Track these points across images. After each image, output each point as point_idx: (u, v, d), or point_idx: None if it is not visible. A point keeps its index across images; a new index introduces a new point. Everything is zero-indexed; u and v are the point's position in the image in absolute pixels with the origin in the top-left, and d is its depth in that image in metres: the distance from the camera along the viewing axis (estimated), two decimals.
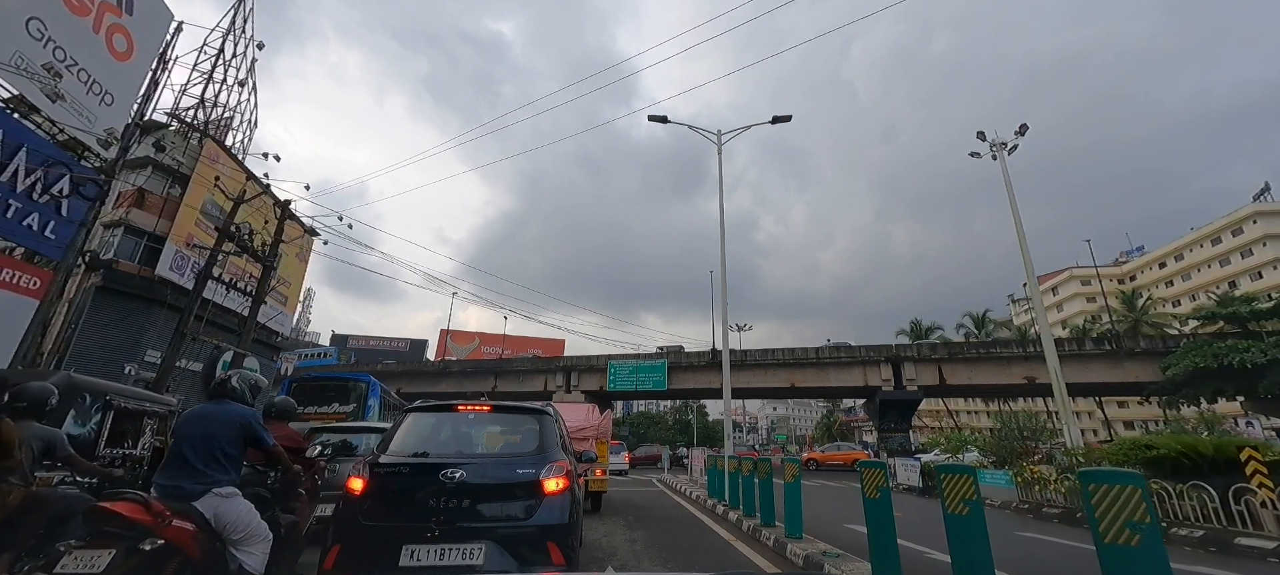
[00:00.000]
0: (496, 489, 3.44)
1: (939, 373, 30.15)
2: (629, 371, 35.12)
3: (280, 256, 25.69)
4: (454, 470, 3.35)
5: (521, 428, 4.08)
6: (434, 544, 3.14)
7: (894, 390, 30.39)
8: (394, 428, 4.01)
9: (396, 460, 3.57)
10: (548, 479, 3.48)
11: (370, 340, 74.88)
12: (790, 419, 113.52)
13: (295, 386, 11.95)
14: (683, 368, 34.72)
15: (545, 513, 3.38)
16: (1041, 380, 28.92)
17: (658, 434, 64.22)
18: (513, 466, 3.58)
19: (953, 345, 32.73)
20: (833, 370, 31.95)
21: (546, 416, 4.10)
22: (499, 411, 4.32)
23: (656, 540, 6.85)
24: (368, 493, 3.36)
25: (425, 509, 3.27)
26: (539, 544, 3.27)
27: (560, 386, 36.87)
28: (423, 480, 3.38)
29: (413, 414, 4.14)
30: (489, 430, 4.35)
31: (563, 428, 4.77)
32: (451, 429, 4.10)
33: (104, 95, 13.52)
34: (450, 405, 4.23)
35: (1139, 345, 27.65)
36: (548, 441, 3.86)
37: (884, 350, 31.46)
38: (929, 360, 30.46)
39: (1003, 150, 17.51)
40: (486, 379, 39.49)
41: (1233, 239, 57.36)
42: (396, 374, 42.72)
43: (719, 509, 8.97)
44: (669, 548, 6.40)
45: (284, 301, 25.19)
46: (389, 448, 3.74)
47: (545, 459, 3.65)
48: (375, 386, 12.23)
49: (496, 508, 3.38)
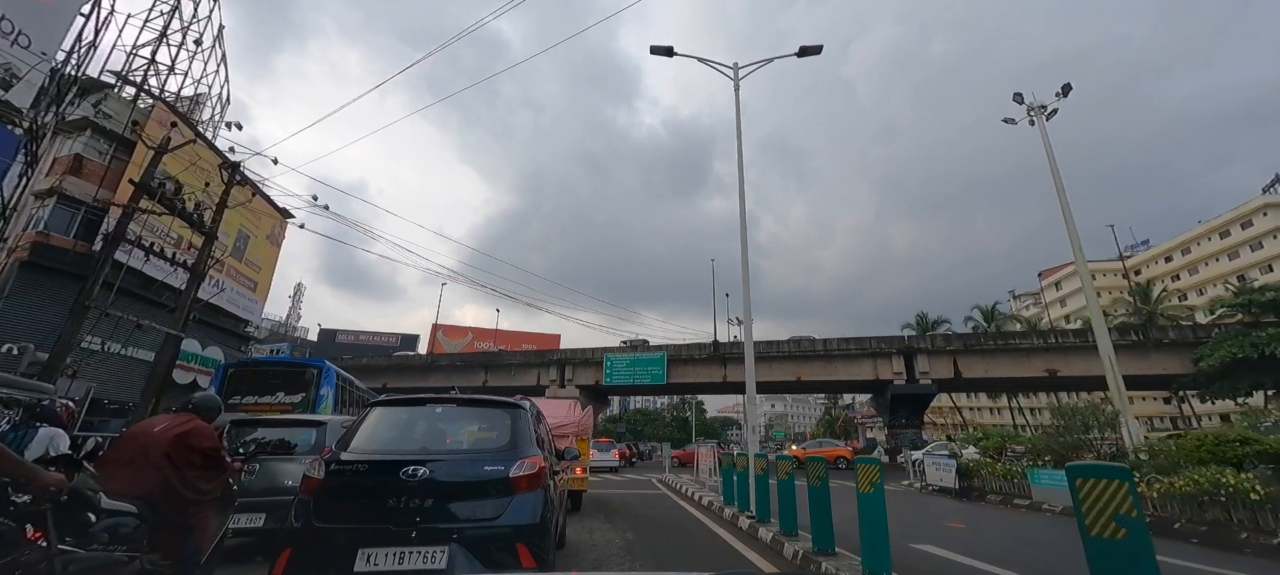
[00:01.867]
0: (462, 487, 3.27)
1: (954, 365, 28.50)
2: (626, 365, 33.34)
3: (249, 239, 23.91)
4: (416, 468, 3.18)
5: (493, 422, 3.87)
6: (393, 547, 2.96)
7: (906, 384, 28.73)
8: (356, 424, 3.80)
9: (354, 458, 3.37)
10: (518, 476, 3.31)
11: (360, 335, 73.08)
12: (789, 416, 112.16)
13: (232, 373, 10.52)
14: (683, 360, 32.96)
15: (515, 512, 3.21)
16: (1063, 373, 27.35)
17: (655, 431, 62.61)
18: (480, 463, 3.42)
19: (968, 336, 31.08)
20: (841, 363, 30.25)
21: (520, 410, 3.89)
22: (469, 405, 4.08)
23: (668, 562, 5.13)
24: (322, 493, 3.18)
25: (385, 510, 3.09)
26: (508, 545, 3.10)
27: (554, 381, 35.06)
28: (383, 479, 3.20)
29: (377, 409, 3.94)
30: (458, 425, 3.99)
31: (543, 424, 4.62)
32: (417, 424, 3.90)
33: (17, 35, 11.62)
34: (418, 399, 4.08)
35: (1167, 336, 26.07)
36: (520, 437, 3.67)
37: (896, 342, 29.80)
38: (943, 352, 28.81)
39: (1042, 114, 15.82)
40: (477, 373, 37.62)
41: (1242, 232, 56.29)
42: (382, 368, 40.81)
43: (743, 523, 7.22)
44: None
45: (253, 287, 23.24)
46: (349, 444, 3.52)
47: (516, 455, 3.46)
48: (329, 374, 10.73)
49: (463, 507, 3.20)
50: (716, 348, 32.62)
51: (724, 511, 8.44)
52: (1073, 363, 27.13)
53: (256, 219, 23.19)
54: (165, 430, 3.13)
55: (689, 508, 9.74)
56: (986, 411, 70.92)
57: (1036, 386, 33.82)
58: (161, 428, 3.17)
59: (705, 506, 9.51)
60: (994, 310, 45.76)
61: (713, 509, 9.04)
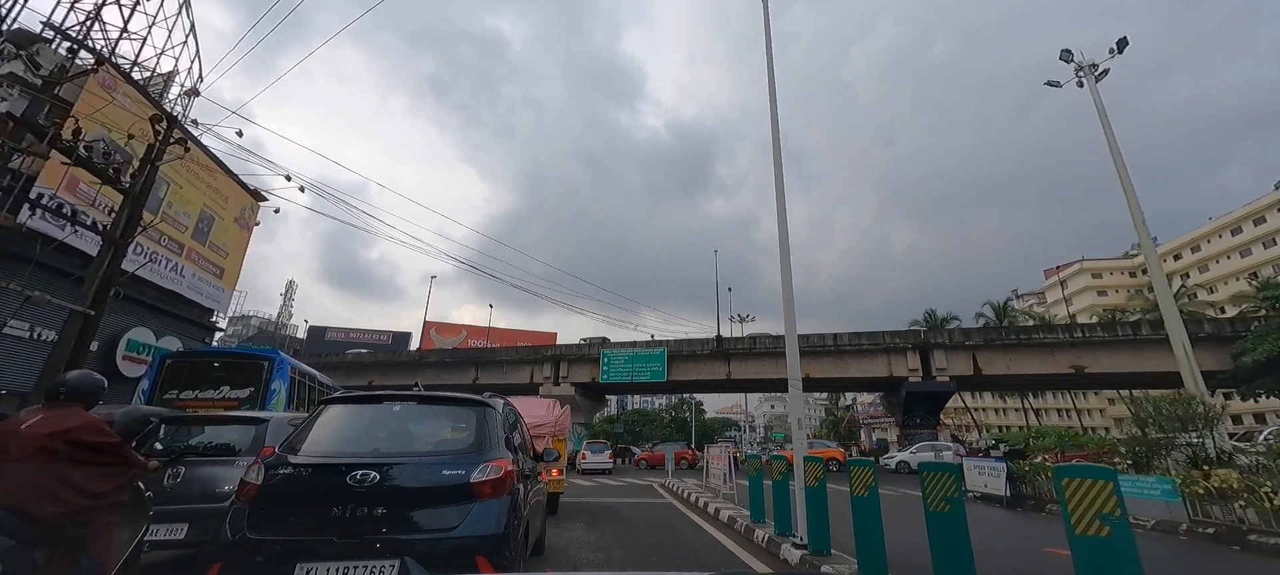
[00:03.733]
0: (418, 494, 2.98)
1: (973, 361, 26.81)
2: (624, 361, 31.53)
3: (214, 221, 21.96)
4: (366, 472, 2.88)
5: (457, 423, 3.55)
6: (336, 561, 2.69)
7: (922, 381, 27.04)
8: (305, 423, 3.48)
9: (297, 461, 3.05)
10: (481, 481, 3.03)
11: (350, 332, 71.51)
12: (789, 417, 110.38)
13: (170, 364, 9.63)
14: (684, 357, 31.18)
15: (476, 521, 2.92)
16: (1091, 369, 25.69)
17: (654, 432, 60.93)
18: (439, 467, 3.11)
19: (989, 330, 29.38)
20: (853, 359, 28.53)
21: (488, 409, 3.61)
22: (432, 403, 3.70)
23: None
24: (260, 499, 2.91)
25: (328, 519, 2.82)
26: (466, 557, 2.81)
27: (548, 378, 33.23)
28: (328, 484, 2.94)
29: (328, 407, 3.59)
30: (418, 426, 3.60)
31: (521, 425, 4.70)
32: (372, 425, 3.52)
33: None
34: (374, 396, 3.73)
35: (1202, 329, 24.43)
36: (487, 437, 3.37)
37: (910, 336, 28.11)
38: (961, 348, 27.12)
39: (1092, 74, 14.13)
40: (468, 370, 35.79)
41: (1254, 228, 55.28)
42: (369, 365, 38.94)
43: (791, 553, 5.42)
44: None
45: (219, 274, 21.32)
46: (294, 445, 3.21)
47: (480, 458, 3.17)
48: (282, 366, 9.76)
49: (417, 516, 2.91)
50: (720, 343, 30.86)
51: (755, 533, 6.65)
52: (1100, 358, 25.49)
53: (222, 199, 21.31)
54: (36, 425, 2.58)
55: (705, 525, 7.95)
56: (992, 412, 69.42)
57: (1061, 384, 32.16)
58: (32, 423, 2.60)
59: (725, 523, 7.71)
60: (1006, 306, 44.19)
61: (737, 528, 7.24)
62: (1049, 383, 33.59)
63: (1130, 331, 25.29)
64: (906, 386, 27.15)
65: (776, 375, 30.12)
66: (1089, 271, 70.75)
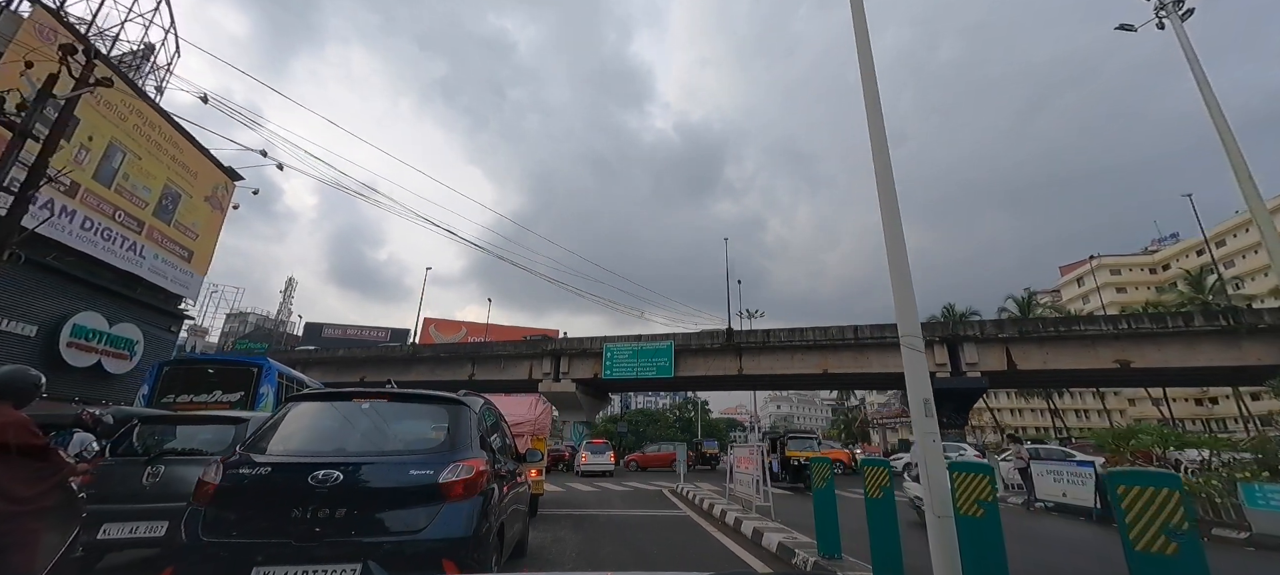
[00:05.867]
0: (383, 494, 2.86)
1: (1006, 355, 24.74)
2: (628, 356, 29.60)
3: (180, 198, 20.13)
4: (328, 472, 2.78)
5: (429, 421, 3.45)
6: (295, 564, 2.60)
7: (951, 377, 25.00)
8: (268, 421, 3.38)
9: (258, 460, 2.94)
10: (450, 481, 2.90)
11: (347, 329, 70.20)
12: (795, 418, 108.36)
13: (168, 371, 9.93)
14: (692, 351, 29.22)
15: (443, 523, 2.81)
16: (1137, 364, 23.57)
17: (658, 432, 59.09)
18: (406, 467, 2.97)
19: (1024, 321, 27.30)
20: (875, 353, 26.50)
21: (462, 408, 3.48)
22: (403, 401, 3.56)
23: None
24: (217, 501, 2.80)
25: (288, 521, 2.70)
26: (432, 560, 2.70)
27: (548, 374, 31.35)
28: (288, 485, 2.82)
29: (295, 405, 3.50)
30: (387, 424, 3.41)
31: (503, 426, 4.57)
32: (339, 423, 3.38)
33: None
34: (342, 394, 3.54)
35: (1263, 320, 22.28)
36: (461, 436, 3.27)
37: (939, 328, 26.09)
38: (994, 340, 25.05)
39: (1176, 10, 12.10)
40: (463, 365, 33.97)
41: None
42: (361, 361, 37.19)
43: None
44: None
45: (187, 257, 19.50)
46: (256, 445, 3.11)
47: (450, 458, 3.05)
48: (270, 372, 10.16)
49: (382, 517, 2.80)
50: (730, 336, 28.88)
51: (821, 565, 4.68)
52: (1147, 352, 23.38)
53: (190, 176, 19.51)
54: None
55: (746, 554, 5.97)
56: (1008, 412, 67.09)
57: (1103, 381, 30.02)
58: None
59: (775, 553, 5.66)
60: (1030, 300, 42.02)
61: (801, 568, 5.15)
62: (1089, 379, 31.42)
63: (1182, 323, 23.15)
64: (935, 382, 25.02)
65: (792, 371, 28.15)
66: (1108, 268, 68.59)
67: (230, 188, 21.87)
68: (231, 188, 21.90)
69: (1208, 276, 39.54)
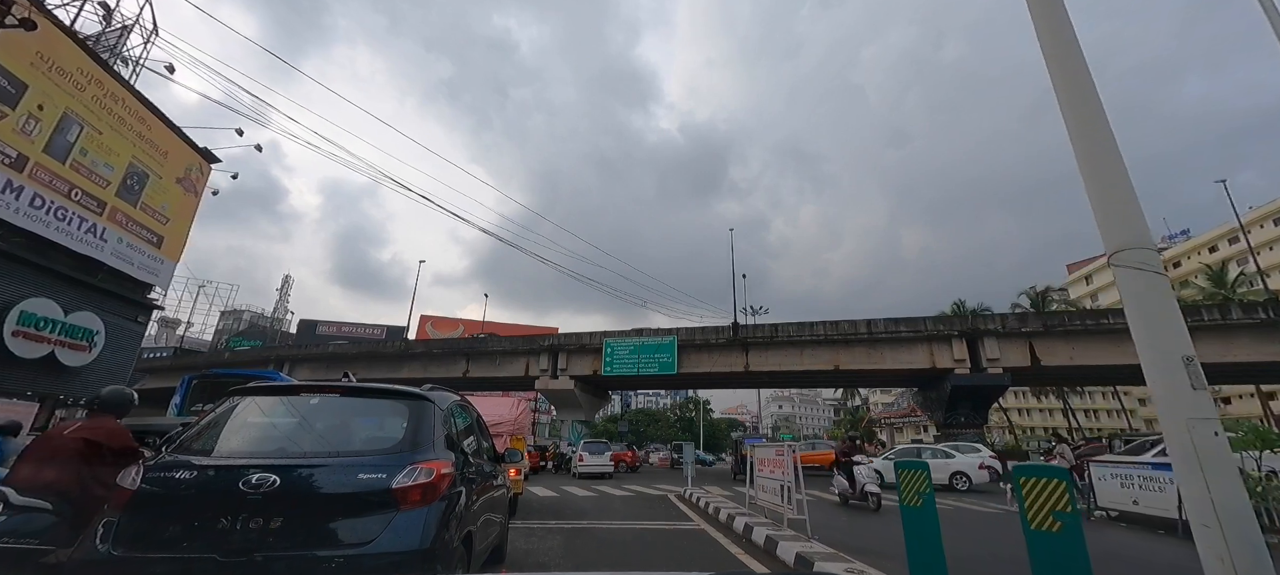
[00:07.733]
0: (326, 501, 2.47)
1: (1030, 351, 23.36)
2: (629, 352, 28.23)
3: (148, 178, 18.75)
4: (263, 476, 2.40)
5: (386, 418, 3.10)
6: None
7: (970, 373, 23.62)
8: (205, 418, 2.98)
9: (183, 460, 2.55)
10: (405, 486, 2.51)
11: (342, 326, 69.14)
12: (797, 418, 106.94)
13: (196, 384, 10.23)
14: (696, 346, 27.84)
15: (396, 534, 2.41)
16: None
17: (659, 431, 57.89)
18: (355, 470, 2.57)
19: (1049, 315, 25.91)
20: (888, 349, 25.12)
21: (425, 403, 3.06)
22: (357, 395, 3.15)
23: None
24: (132, 508, 2.41)
25: (214, 533, 2.33)
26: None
27: (545, 371, 29.98)
28: (216, 490, 2.45)
29: (236, 399, 3.07)
30: (339, 422, 3.05)
31: (480, 425, 4.24)
32: (284, 420, 3.02)
33: None
34: (289, 388, 3.33)
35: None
36: (423, 435, 2.86)
37: (956, 322, 24.74)
38: (1016, 335, 23.67)
39: None
40: (457, 362, 32.58)
41: None
42: (351, 357, 35.83)
43: None
44: None
45: (157, 242, 18.12)
46: (186, 444, 2.72)
47: (406, 460, 2.65)
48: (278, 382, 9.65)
49: (325, 528, 2.41)
50: (737, 331, 27.50)
51: None
52: None
53: (159, 155, 18.10)
54: (76, 431, 2.99)
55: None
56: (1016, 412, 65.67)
57: (1132, 379, 28.60)
58: (73, 430, 3.01)
59: None
60: (1045, 295, 40.68)
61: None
62: (1117, 377, 30.03)
63: (1218, 315, 21.77)
64: (952, 379, 23.71)
65: (801, 367, 26.76)
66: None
67: (205, 170, 20.46)
68: (206, 170, 20.49)
69: (1230, 271, 38.22)
